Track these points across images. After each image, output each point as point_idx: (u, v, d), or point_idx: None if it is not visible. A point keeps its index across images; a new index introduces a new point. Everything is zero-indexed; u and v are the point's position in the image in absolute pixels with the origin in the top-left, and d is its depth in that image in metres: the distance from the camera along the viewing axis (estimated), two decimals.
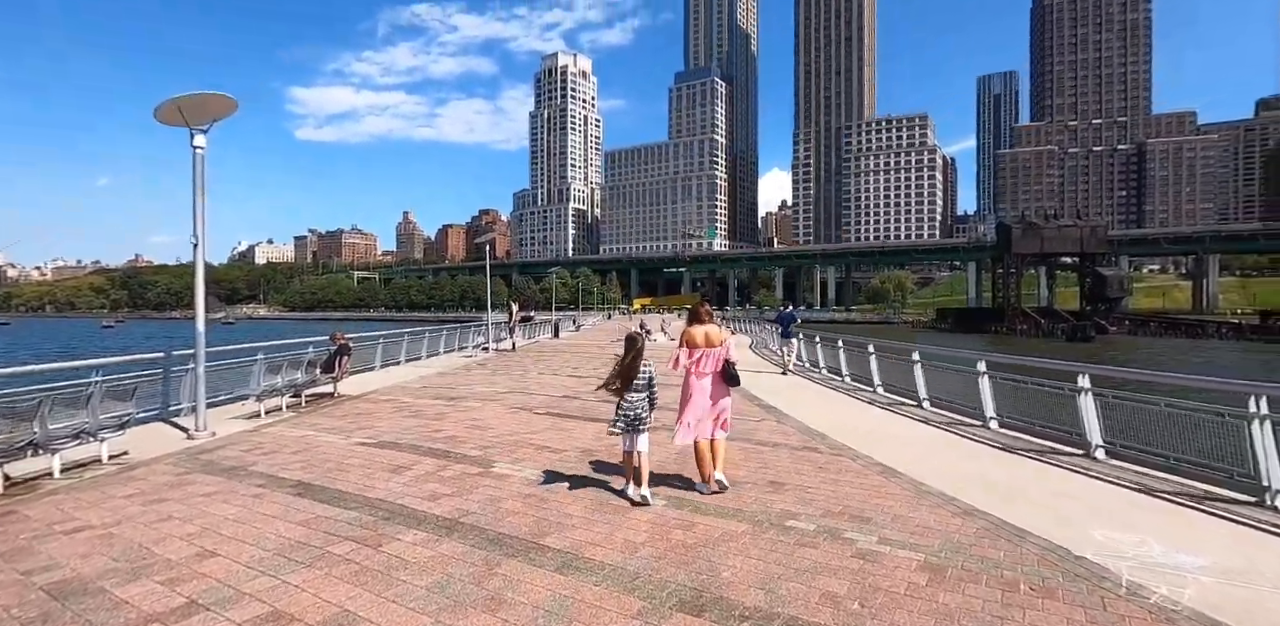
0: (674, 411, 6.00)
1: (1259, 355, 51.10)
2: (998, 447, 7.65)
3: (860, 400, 11.44)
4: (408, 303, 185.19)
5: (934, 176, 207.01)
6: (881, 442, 7.77)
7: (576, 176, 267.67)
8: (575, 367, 17.28)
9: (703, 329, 5.68)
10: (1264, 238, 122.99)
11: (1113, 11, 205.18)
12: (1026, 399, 8.26)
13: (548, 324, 39.99)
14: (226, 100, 6.34)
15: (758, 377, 14.82)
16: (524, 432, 8.15)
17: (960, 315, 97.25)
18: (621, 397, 5.39)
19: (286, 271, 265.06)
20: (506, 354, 22.39)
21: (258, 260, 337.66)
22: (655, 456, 6.75)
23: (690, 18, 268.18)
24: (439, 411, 9.82)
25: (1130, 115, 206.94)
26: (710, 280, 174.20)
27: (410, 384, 13.50)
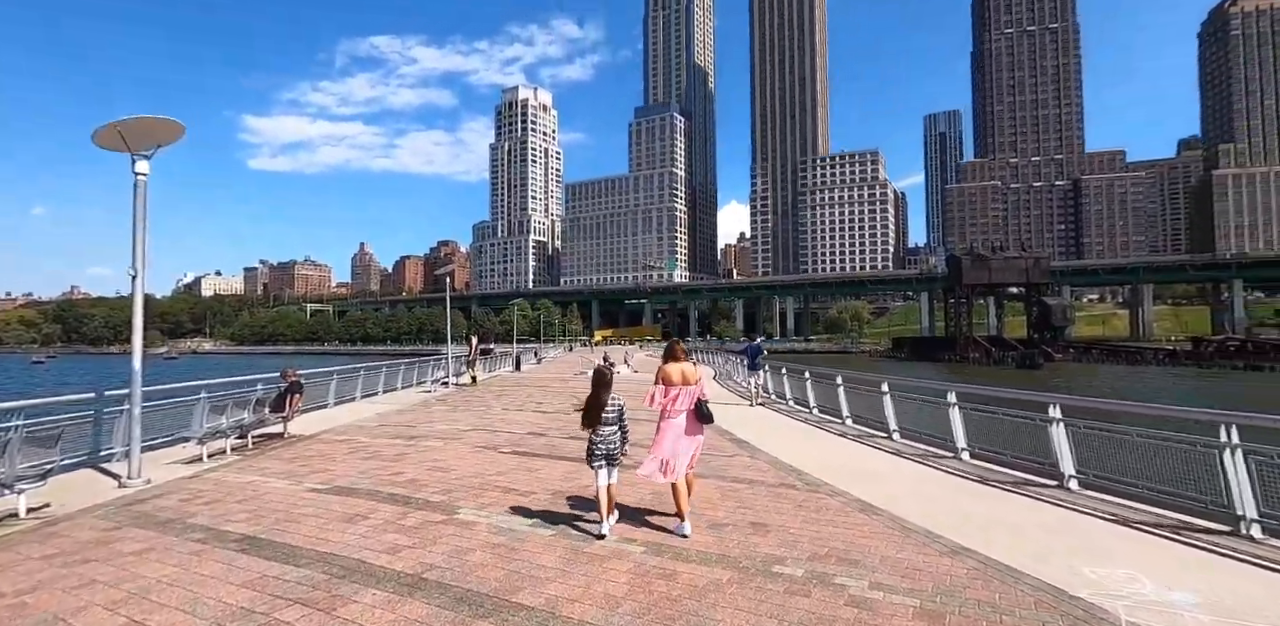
0: (647, 446, 5.95)
1: (1194, 380, 53.40)
2: (973, 480, 7.58)
3: (830, 432, 11.34)
4: (363, 336, 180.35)
5: (886, 210, 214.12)
6: (857, 477, 7.63)
7: (537, 208, 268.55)
8: (539, 403, 16.84)
9: (678, 366, 5.76)
10: (1192, 268, 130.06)
11: (1046, 57, 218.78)
12: (997, 429, 8.25)
13: (508, 357, 39.34)
14: (172, 125, 6.00)
15: (725, 410, 14.64)
16: (489, 474, 7.74)
17: (915, 344, 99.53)
18: (593, 432, 5.46)
19: (235, 304, 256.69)
20: (467, 389, 21.78)
21: (204, 292, 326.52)
22: (632, 496, 6.48)
23: (649, 55, 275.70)
24: (398, 452, 9.32)
25: (1065, 153, 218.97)
26: (671, 311, 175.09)
27: (367, 422, 12.90)
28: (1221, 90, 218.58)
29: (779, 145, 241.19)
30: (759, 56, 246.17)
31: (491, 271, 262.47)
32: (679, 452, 5.53)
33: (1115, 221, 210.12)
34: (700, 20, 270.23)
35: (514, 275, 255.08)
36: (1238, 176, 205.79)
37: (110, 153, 6.17)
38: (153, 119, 5.85)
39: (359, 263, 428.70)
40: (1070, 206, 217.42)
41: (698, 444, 5.73)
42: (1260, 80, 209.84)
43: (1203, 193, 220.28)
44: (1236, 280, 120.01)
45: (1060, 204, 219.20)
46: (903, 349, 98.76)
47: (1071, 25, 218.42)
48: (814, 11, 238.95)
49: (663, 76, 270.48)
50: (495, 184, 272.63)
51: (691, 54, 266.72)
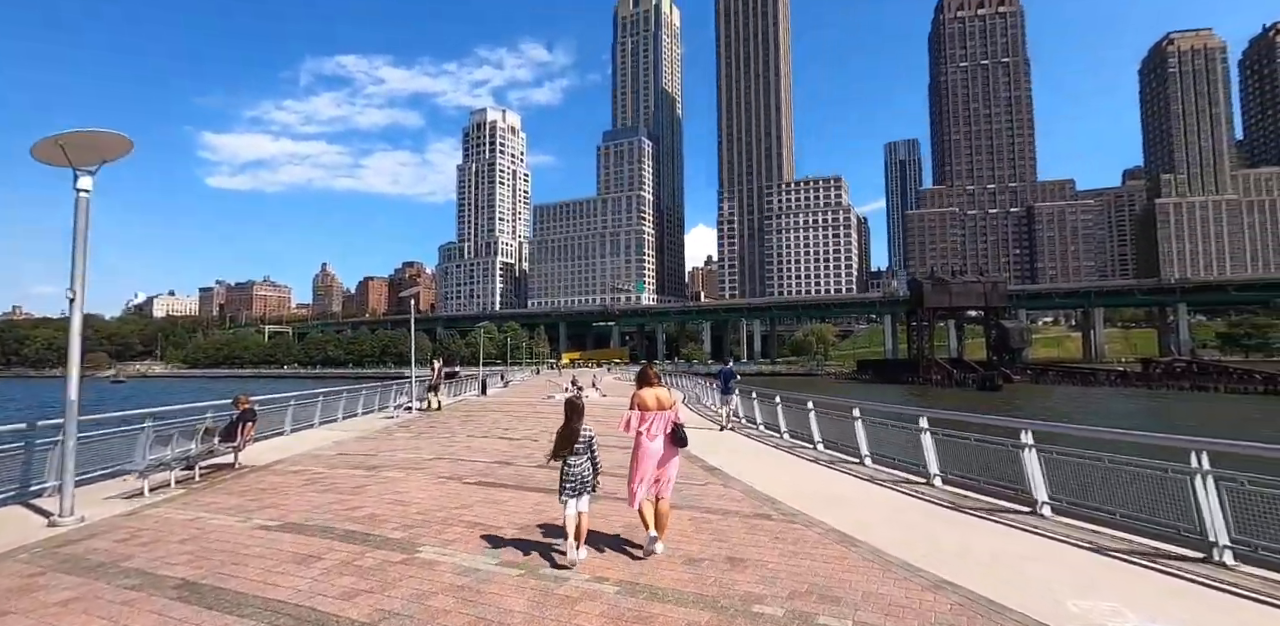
0: (617, 476, 5.90)
1: (1146, 401, 55.07)
2: (947, 507, 7.51)
3: (803, 458, 11.23)
4: (324, 359, 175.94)
5: (849, 234, 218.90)
6: (833, 506, 7.50)
7: (504, 230, 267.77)
8: (506, 429, 16.41)
9: (653, 391, 5.83)
10: (1139, 292, 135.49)
11: (999, 89, 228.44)
12: (969, 455, 8.23)
13: (474, 380, 38.60)
14: (119, 139, 5.66)
15: (696, 434, 14.45)
16: (453, 507, 7.39)
17: (879, 367, 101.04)
18: (564, 462, 5.52)
19: (188, 325, 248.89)
20: (431, 414, 21.19)
21: (156, 313, 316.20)
22: (605, 528, 6.23)
23: (617, 80, 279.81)
24: (356, 484, 8.87)
25: (1019, 181, 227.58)
26: (639, 334, 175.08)
27: (324, 451, 12.36)
28: (1162, 123, 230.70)
29: (745, 170, 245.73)
30: (725, 83, 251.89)
31: (457, 293, 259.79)
32: (657, 477, 5.65)
33: (1067, 247, 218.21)
34: (668, 47, 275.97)
35: (480, 297, 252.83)
36: (1179, 205, 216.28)
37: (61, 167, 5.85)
38: (98, 133, 5.53)
39: (320, 283, 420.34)
40: (1024, 232, 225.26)
41: (673, 467, 5.79)
42: (1197, 114, 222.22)
43: (1147, 220, 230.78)
44: (1181, 304, 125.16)
45: (1015, 230, 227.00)
46: (867, 371, 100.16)
47: (1022, 59, 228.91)
48: (778, 41, 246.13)
49: (631, 101, 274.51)
50: (462, 205, 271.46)
51: (659, 80, 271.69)
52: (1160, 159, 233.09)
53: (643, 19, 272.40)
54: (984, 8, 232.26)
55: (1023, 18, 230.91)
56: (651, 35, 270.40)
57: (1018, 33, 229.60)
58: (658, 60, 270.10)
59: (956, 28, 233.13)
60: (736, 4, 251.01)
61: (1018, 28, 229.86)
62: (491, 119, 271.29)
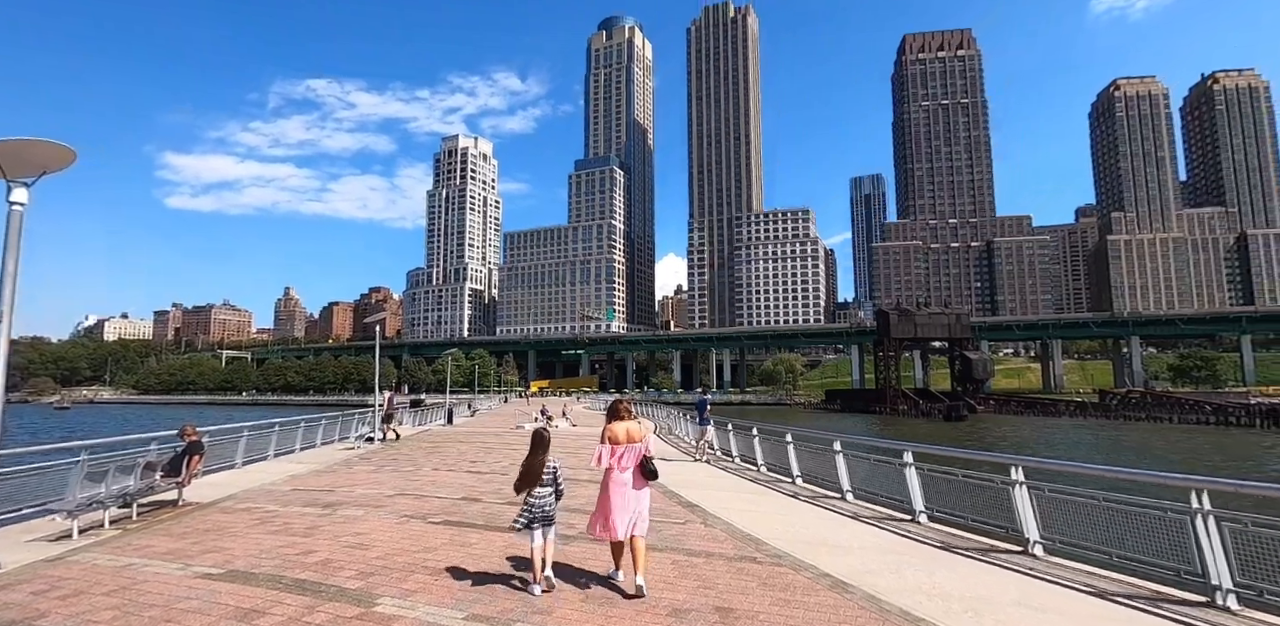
0: (581, 512, 6.18)
1: (1110, 431, 56.08)
2: (936, 546, 7.23)
3: (782, 493, 10.89)
4: (284, 385, 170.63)
5: (817, 266, 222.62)
6: (819, 547, 7.15)
7: (474, 256, 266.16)
8: (474, 461, 15.74)
9: (623, 425, 5.90)
10: (1095, 325, 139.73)
11: (959, 128, 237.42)
12: (956, 491, 7.99)
13: (440, 409, 37.58)
14: (59, 150, 5.18)
15: (672, 467, 14.02)
16: (416, 550, 6.83)
17: (847, 396, 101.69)
18: (529, 493, 5.56)
19: (141, 350, 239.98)
20: (394, 446, 20.37)
21: (108, 336, 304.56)
22: (588, 567, 5.77)
23: (590, 110, 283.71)
24: (310, 524, 8.23)
25: (979, 216, 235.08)
26: (609, 362, 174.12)
27: (277, 486, 11.62)
28: (1111, 163, 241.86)
29: (715, 201, 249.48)
30: (696, 116, 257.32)
31: (425, 319, 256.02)
32: (627, 510, 5.62)
33: (1025, 280, 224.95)
34: (640, 79, 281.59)
35: (448, 324, 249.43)
36: (1129, 242, 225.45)
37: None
38: (35, 142, 5.05)
39: (283, 308, 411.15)
40: (985, 266, 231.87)
41: (644, 500, 5.77)
42: (1143, 156, 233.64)
43: (1099, 256, 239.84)
44: (1134, 337, 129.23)
45: (976, 263, 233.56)
46: (835, 401, 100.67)
47: (981, 101, 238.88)
48: (748, 76, 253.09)
49: (603, 131, 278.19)
50: (432, 231, 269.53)
51: (631, 111, 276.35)
52: (1110, 197, 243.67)
53: (616, 51, 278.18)
54: (944, 51, 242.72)
55: (980, 61, 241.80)
56: (624, 67, 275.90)
57: (976, 75, 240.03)
58: (630, 91, 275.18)
59: (918, 69, 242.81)
60: (708, 40, 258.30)
61: (975, 71, 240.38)
62: (463, 145, 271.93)
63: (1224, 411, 61.96)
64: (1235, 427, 56.59)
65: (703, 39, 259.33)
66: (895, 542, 7.46)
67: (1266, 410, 59.29)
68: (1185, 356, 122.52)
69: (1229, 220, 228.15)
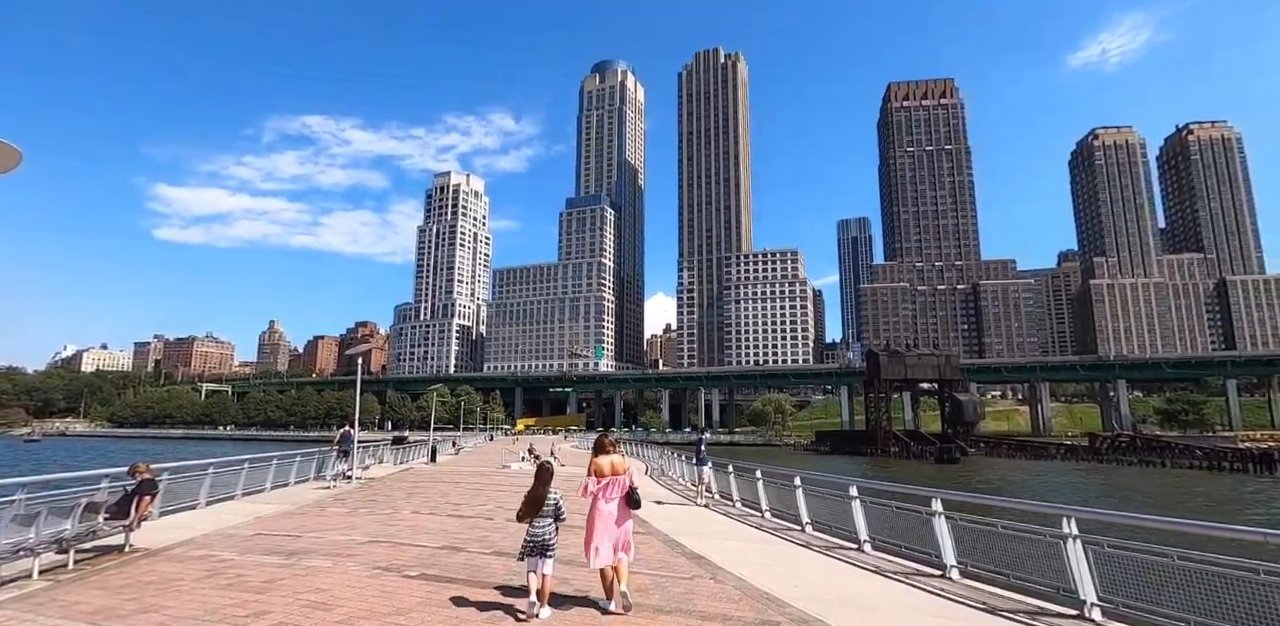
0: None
1: (1110, 475, 55.19)
2: (979, 608, 6.40)
3: (793, 543, 10.01)
4: (264, 420, 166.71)
5: (805, 306, 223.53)
6: (848, 609, 6.30)
7: (463, 292, 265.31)
8: (457, 504, 14.68)
9: (608, 459, 6.27)
10: (1081, 368, 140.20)
11: (943, 173, 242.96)
12: (993, 544, 7.19)
13: (424, 446, 36.25)
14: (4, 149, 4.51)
15: (670, 513, 13.09)
16: (387, 612, 5.88)
17: (837, 438, 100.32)
18: (530, 524, 5.93)
19: (119, 381, 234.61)
20: (373, 484, 19.24)
21: (86, 368, 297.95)
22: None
23: (581, 150, 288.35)
24: (269, 576, 7.25)
25: (964, 260, 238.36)
26: (596, 400, 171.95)
27: (240, 529, 10.58)
28: (1091, 209, 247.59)
29: (705, 241, 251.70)
30: (687, 158, 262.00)
31: (411, 355, 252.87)
32: (613, 538, 5.95)
33: (1010, 323, 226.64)
34: (631, 121, 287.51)
35: (435, 359, 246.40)
36: (1111, 286, 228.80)
37: None
38: None
39: (267, 341, 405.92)
40: (971, 308, 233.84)
41: (627, 529, 6.17)
42: (1123, 203, 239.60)
43: (1083, 299, 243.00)
44: (1121, 380, 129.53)
45: (962, 306, 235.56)
46: (825, 442, 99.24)
47: (964, 147, 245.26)
48: (738, 119, 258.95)
49: (595, 171, 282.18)
50: (421, 266, 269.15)
51: (623, 152, 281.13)
52: (1092, 242, 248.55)
53: (608, 94, 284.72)
54: (927, 99, 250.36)
55: (963, 110, 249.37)
56: (616, 109, 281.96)
57: (959, 122, 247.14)
58: (621, 132, 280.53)
59: (903, 116, 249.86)
60: (699, 84, 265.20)
61: (959, 118, 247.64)
62: (455, 182, 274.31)
63: (1217, 455, 61.45)
64: (1229, 473, 55.93)
65: (694, 83, 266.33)
66: (931, 604, 6.62)
67: (1259, 455, 58.87)
68: (1172, 400, 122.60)
69: (1208, 266, 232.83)
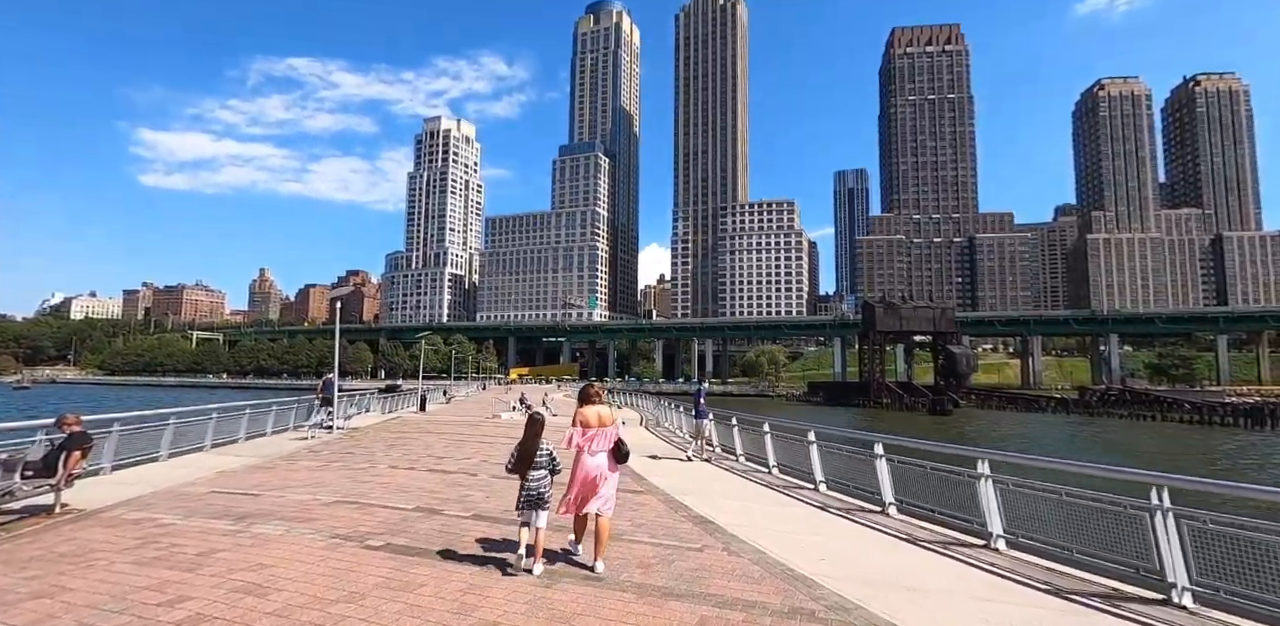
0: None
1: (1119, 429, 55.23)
2: (1044, 590, 5.41)
3: (808, 504, 9.06)
4: (256, 368, 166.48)
5: (800, 258, 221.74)
6: (890, 591, 5.30)
7: (455, 241, 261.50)
8: (440, 457, 13.70)
9: (594, 409, 5.94)
10: (1074, 322, 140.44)
11: (945, 123, 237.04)
12: (1052, 512, 6.18)
13: (413, 394, 35.46)
14: None
15: (669, 468, 12.16)
16: (335, 598, 4.79)
17: (830, 389, 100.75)
18: (524, 478, 5.62)
19: (109, 329, 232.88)
20: (354, 435, 18.31)
21: (75, 315, 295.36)
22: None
23: (575, 96, 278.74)
24: (206, 547, 6.18)
25: (961, 212, 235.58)
26: (590, 351, 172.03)
27: (194, 486, 9.55)
28: (1093, 162, 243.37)
29: (700, 191, 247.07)
30: (683, 104, 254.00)
31: (404, 304, 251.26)
32: (596, 492, 5.66)
33: (1005, 277, 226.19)
34: (627, 65, 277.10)
35: (428, 308, 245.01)
36: (1108, 241, 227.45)
37: None
38: None
39: (258, 290, 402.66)
40: (966, 261, 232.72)
41: (613, 483, 5.85)
42: (1124, 156, 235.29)
43: (1078, 254, 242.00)
44: (1113, 334, 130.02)
45: (958, 259, 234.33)
46: (819, 393, 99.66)
47: (966, 96, 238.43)
48: (736, 65, 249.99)
49: (589, 117, 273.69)
50: (412, 214, 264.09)
51: (618, 97, 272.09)
52: (1091, 196, 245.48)
53: (603, 36, 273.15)
54: (932, 45, 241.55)
55: (968, 57, 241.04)
56: (611, 53, 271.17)
57: (963, 71, 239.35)
58: (617, 77, 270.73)
59: (906, 63, 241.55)
60: (697, 28, 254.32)
61: (963, 66, 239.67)
62: (445, 127, 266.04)
63: (1207, 409, 61.79)
64: (1220, 427, 56.25)
65: (692, 26, 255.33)
66: (985, 584, 5.62)
67: (1250, 409, 59.21)
68: (1163, 355, 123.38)
69: (1205, 222, 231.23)
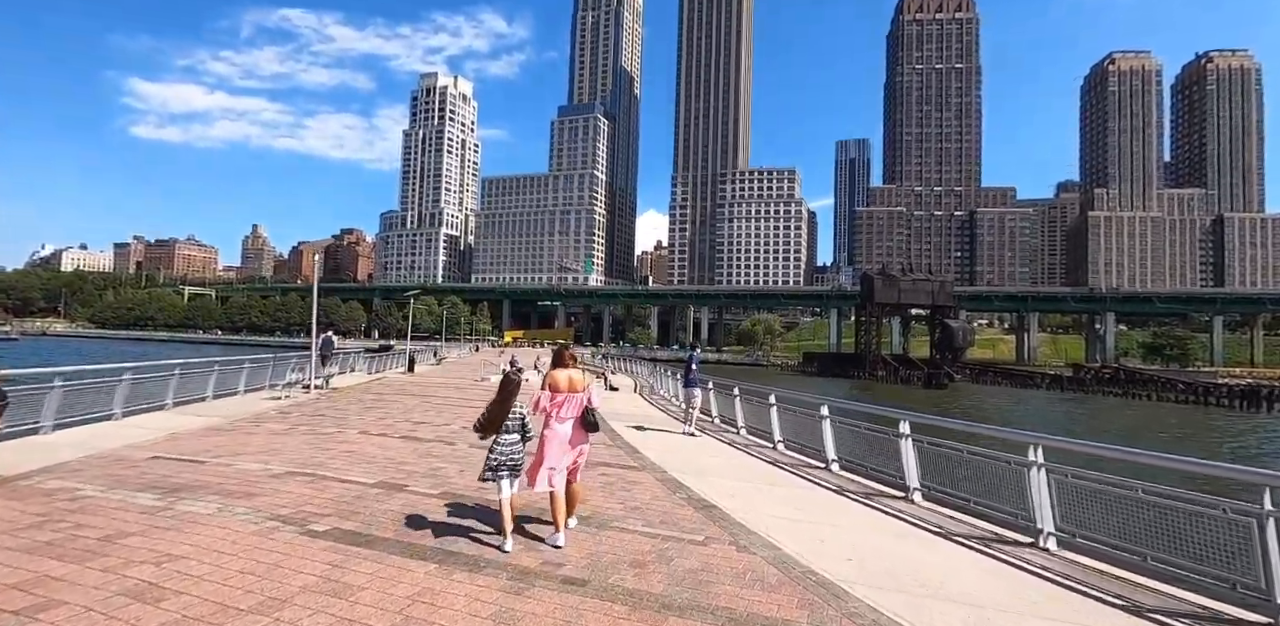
0: None
1: (1090, 406, 55.26)
2: (1123, 608, 4.49)
3: (821, 485, 8.15)
4: (248, 324, 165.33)
5: (799, 227, 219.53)
6: (936, 605, 4.38)
7: (450, 201, 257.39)
8: (418, 422, 12.73)
9: (565, 373, 5.60)
10: (1072, 299, 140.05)
11: (951, 94, 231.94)
12: (1118, 508, 5.27)
13: (402, 355, 34.55)
14: None
15: (664, 441, 11.26)
16: (248, 607, 3.76)
17: (825, 360, 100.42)
18: (494, 440, 5.30)
19: (99, 282, 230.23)
20: (331, 396, 17.38)
21: (65, 267, 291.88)
22: None
23: (575, 55, 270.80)
24: (115, 529, 5.16)
25: (964, 186, 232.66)
26: (585, 315, 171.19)
27: (139, 450, 8.57)
28: (1099, 139, 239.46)
29: (701, 156, 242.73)
30: (685, 67, 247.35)
31: (398, 264, 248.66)
32: (560, 462, 5.34)
33: (1004, 253, 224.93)
34: (629, 25, 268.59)
35: (422, 269, 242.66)
36: (1109, 218, 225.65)
37: None
38: None
39: (250, 246, 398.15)
40: (966, 236, 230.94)
41: (582, 452, 5.58)
42: (1130, 132, 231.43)
43: (1078, 232, 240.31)
44: (1110, 313, 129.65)
45: (957, 233, 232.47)
46: (813, 364, 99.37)
47: (975, 66, 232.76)
48: (741, 28, 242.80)
49: (589, 78, 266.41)
50: (407, 173, 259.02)
51: (619, 58, 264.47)
52: (1094, 173, 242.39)
53: None
54: (942, 12, 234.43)
55: (978, 26, 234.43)
56: (613, 11, 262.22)
57: (972, 40, 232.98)
58: (618, 37, 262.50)
59: (915, 30, 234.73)
60: None
61: (972, 35, 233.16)
62: (442, 84, 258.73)
63: (1203, 390, 61.58)
64: (1215, 408, 56.12)
65: None
66: (1047, 595, 4.67)
67: (1245, 391, 58.99)
68: (1159, 335, 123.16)
69: (1208, 202, 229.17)
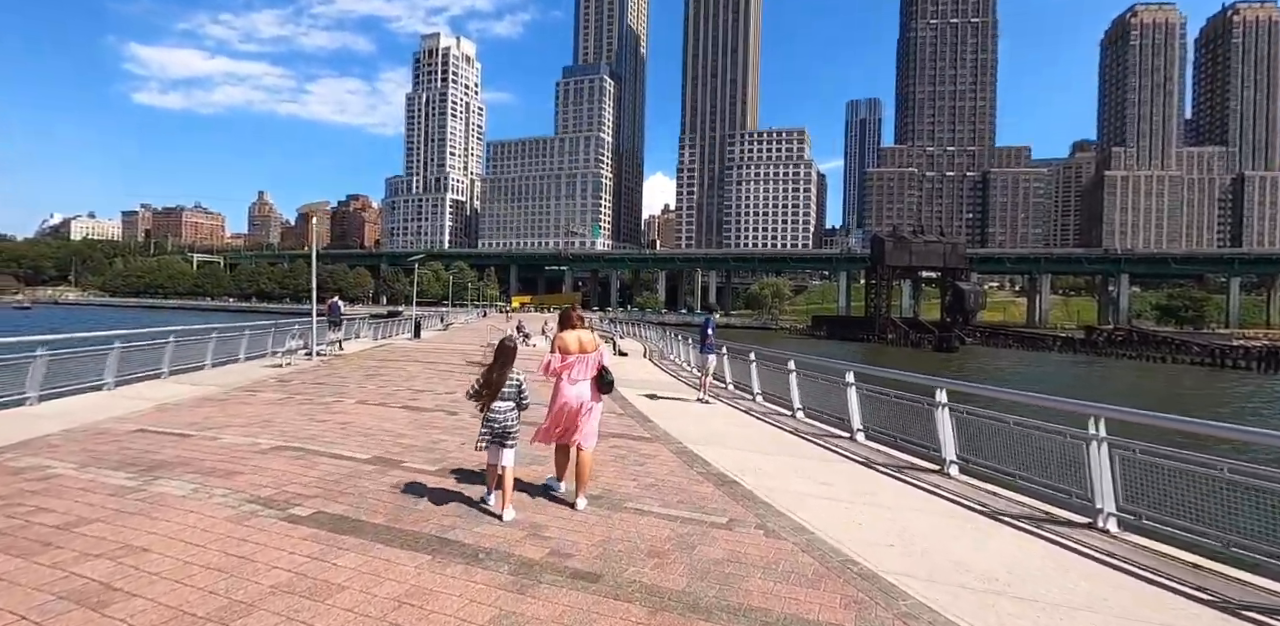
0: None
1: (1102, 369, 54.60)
2: (1211, 602, 3.94)
3: (849, 458, 7.60)
4: (257, 291, 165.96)
5: (809, 189, 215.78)
6: (998, 602, 3.82)
7: (456, 165, 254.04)
8: (419, 390, 12.23)
9: (574, 334, 5.48)
10: (1086, 261, 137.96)
11: (966, 50, 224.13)
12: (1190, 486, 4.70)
13: (408, 321, 34.19)
14: None
15: (678, 409, 10.74)
16: (207, 612, 3.23)
17: (834, 323, 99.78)
18: (487, 408, 5.10)
19: (109, 250, 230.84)
20: (333, 363, 16.95)
21: (74, 236, 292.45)
22: None
23: (580, 14, 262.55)
24: (79, 514, 4.67)
25: (977, 145, 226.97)
26: (592, 280, 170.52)
27: (124, 422, 8.12)
28: (1118, 95, 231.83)
29: (709, 118, 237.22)
30: (693, 25, 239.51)
31: (404, 230, 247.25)
32: (576, 424, 5.30)
33: (1017, 214, 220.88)
34: None
35: (429, 235, 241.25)
36: (1126, 178, 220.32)
37: None
38: None
39: (257, 213, 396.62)
40: (979, 197, 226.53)
41: (595, 415, 5.44)
42: (1151, 88, 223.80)
43: (1093, 193, 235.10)
44: (1124, 274, 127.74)
45: (969, 194, 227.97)
46: (822, 327, 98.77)
47: (992, 20, 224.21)
48: None
49: (594, 38, 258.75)
50: (411, 137, 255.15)
51: (625, 16, 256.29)
52: (1112, 131, 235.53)
53: None
54: None
55: None
56: None
57: None
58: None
59: None
60: None
61: None
62: (445, 45, 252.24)
63: (1219, 352, 60.64)
64: (1231, 370, 55.31)
65: None
66: (1129, 592, 4.15)
67: (1264, 352, 57.96)
68: (1174, 296, 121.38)
69: (1228, 160, 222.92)
